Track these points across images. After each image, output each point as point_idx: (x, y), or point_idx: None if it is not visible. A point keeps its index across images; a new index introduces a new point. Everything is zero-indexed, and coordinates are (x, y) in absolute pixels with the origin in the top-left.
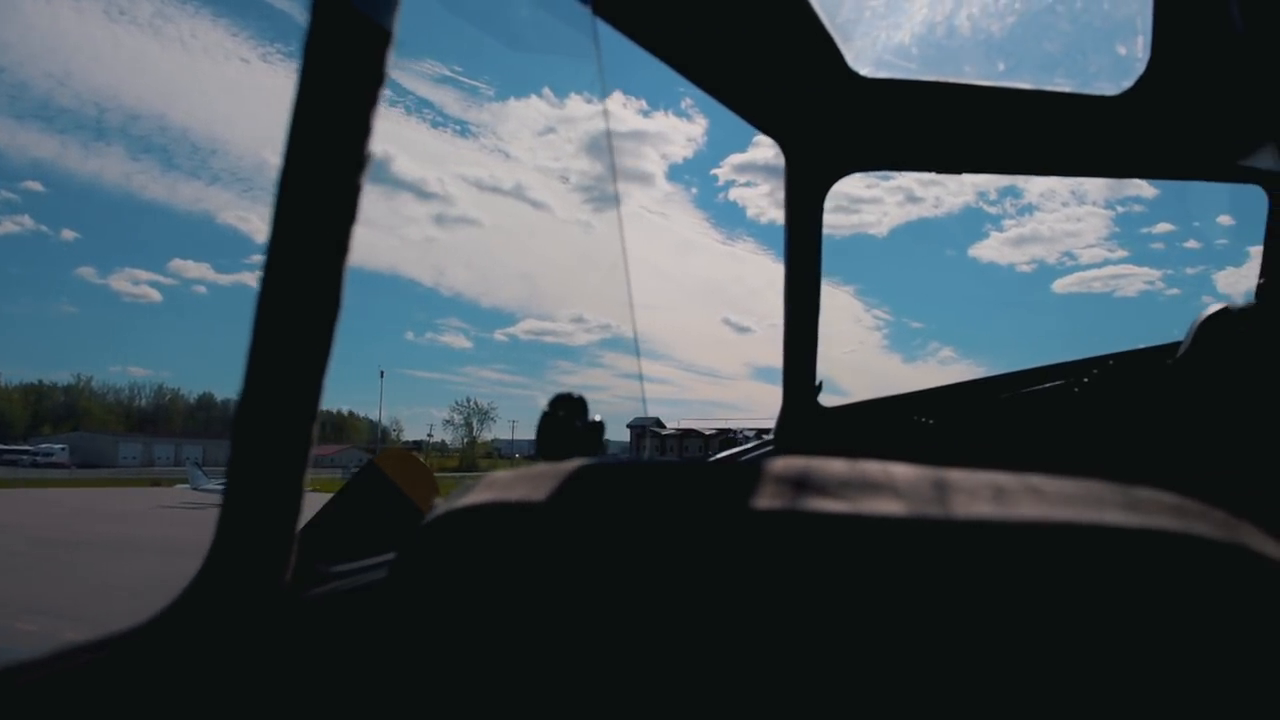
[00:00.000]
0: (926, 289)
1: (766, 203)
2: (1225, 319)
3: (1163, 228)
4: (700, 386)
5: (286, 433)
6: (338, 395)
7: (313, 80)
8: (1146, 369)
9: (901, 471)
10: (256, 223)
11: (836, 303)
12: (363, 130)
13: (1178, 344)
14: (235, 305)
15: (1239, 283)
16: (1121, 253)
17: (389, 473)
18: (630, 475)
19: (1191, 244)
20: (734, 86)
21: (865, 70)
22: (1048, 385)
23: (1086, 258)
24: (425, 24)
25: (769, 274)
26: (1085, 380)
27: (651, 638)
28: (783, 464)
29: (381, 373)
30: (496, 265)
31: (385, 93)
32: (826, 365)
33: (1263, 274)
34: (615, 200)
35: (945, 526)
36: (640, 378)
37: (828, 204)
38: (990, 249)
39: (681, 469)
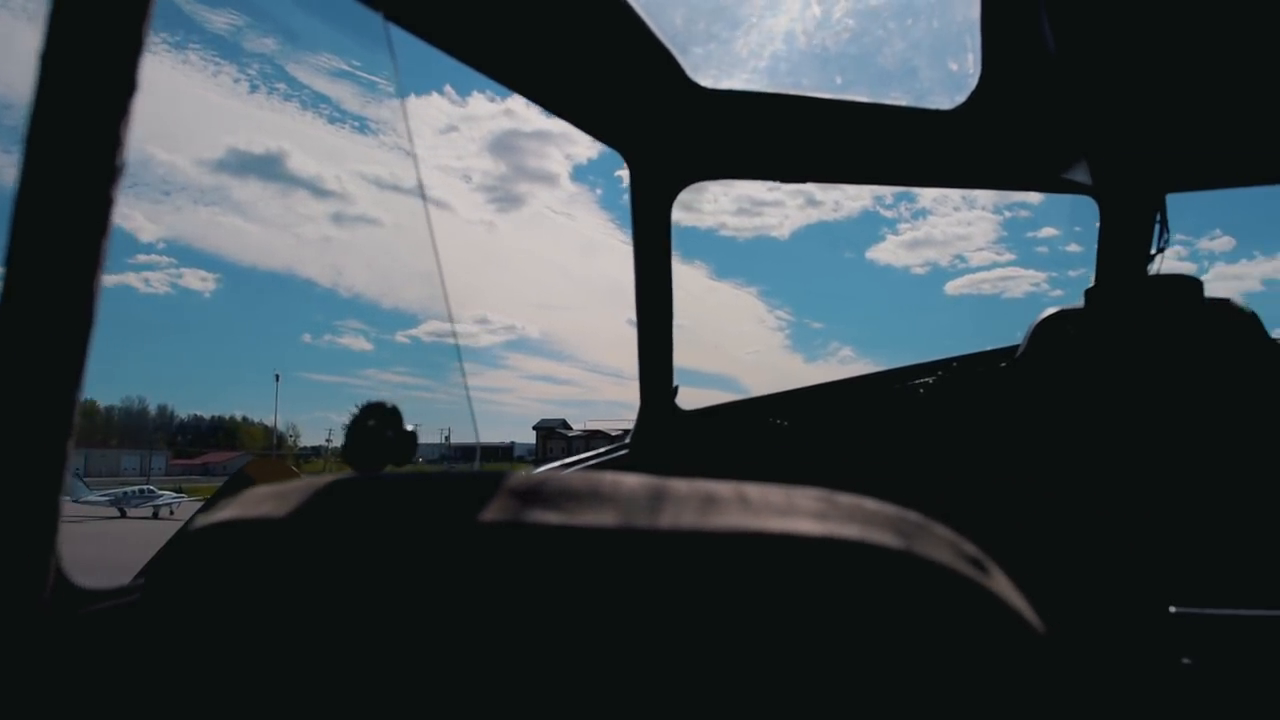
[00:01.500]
0: (827, 290)
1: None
2: (1058, 321)
3: (1047, 232)
4: (606, 387)
5: (41, 451)
6: (229, 400)
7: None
8: (988, 370)
9: (630, 481)
10: (141, 220)
11: (740, 304)
12: (114, 135)
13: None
14: (119, 307)
15: None
16: (1009, 256)
17: (259, 481)
18: (371, 490)
19: (1073, 248)
20: (570, 99)
21: (706, 81)
22: (897, 386)
23: (976, 260)
24: (317, 16)
25: (675, 275)
26: (930, 382)
27: (377, 653)
28: (522, 476)
29: (277, 376)
30: (398, 265)
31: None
32: (732, 365)
33: (1096, 279)
34: (423, 202)
35: (648, 537)
36: (465, 388)
37: (731, 205)
38: (886, 252)
39: (427, 482)
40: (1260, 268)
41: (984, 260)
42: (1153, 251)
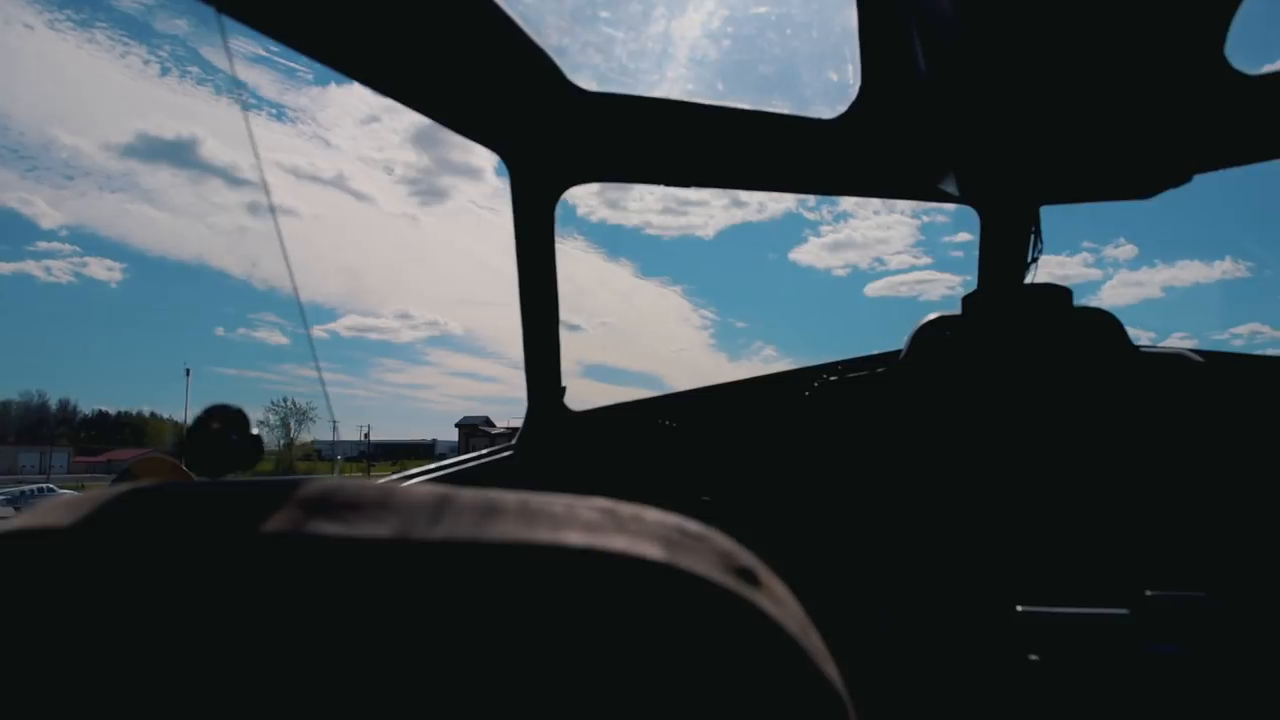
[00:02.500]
0: (750, 290)
1: (596, 201)
2: (937, 326)
3: (963, 236)
4: None
5: None
6: (136, 395)
7: None
8: (872, 373)
9: (420, 491)
10: (42, 205)
11: (666, 303)
12: None
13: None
14: (17, 296)
15: None
16: (926, 259)
17: (143, 479)
18: (160, 499)
19: None
20: (443, 101)
21: (586, 84)
22: (785, 388)
23: (895, 263)
24: None
25: (600, 273)
26: (816, 385)
27: (147, 670)
28: (317, 484)
29: (188, 370)
30: (316, 258)
31: None
32: (657, 363)
33: (978, 286)
34: (268, 200)
35: (420, 548)
36: (322, 383)
37: (657, 204)
38: (809, 253)
39: (219, 491)
40: (1161, 275)
41: (902, 263)
42: (1028, 261)
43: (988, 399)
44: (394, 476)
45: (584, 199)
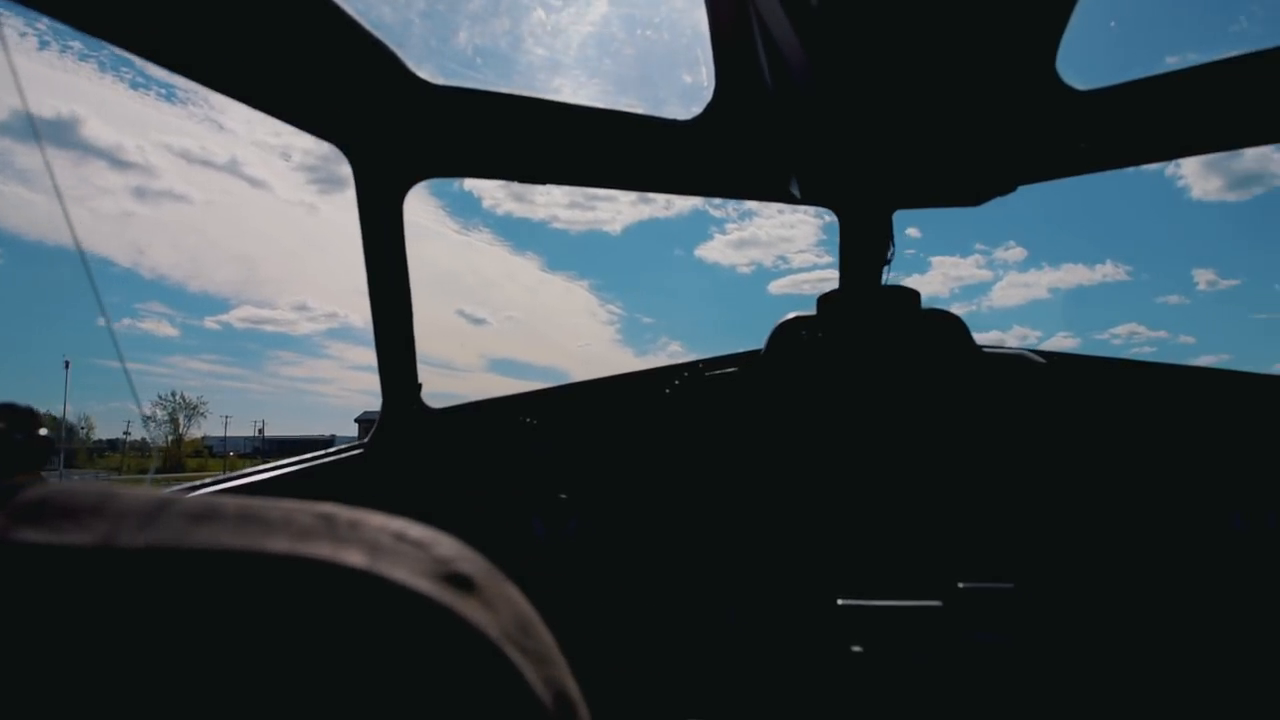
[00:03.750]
0: (657, 286)
1: (503, 194)
2: (794, 326)
3: None
4: (435, 379)
5: None
6: (7, 388)
7: None
8: (732, 370)
9: (141, 495)
10: None
11: (573, 297)
12: None
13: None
14: None
15: (922, 288)
16: (828, 258)
17: None
18: None
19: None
20: (278, 94)
21: (433, 77)
22: (648, 386)
23: (798, 262)
24: None
25: (506, 265)
26: (676, 382)
27: None
28: (37, 489)
29: (67, 363)
30: (208, 246)
31: None
32: (563, 358)
33: (840, 285)
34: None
35: (121, 555)
36: (126, 374)
37: (564, 198)
38: (715, 250)
39: None
40: (1048, 277)
41: (805, 262)
42: (883, 263)
43: (837, 397)
44: (234, 475)
45: (490, 191)
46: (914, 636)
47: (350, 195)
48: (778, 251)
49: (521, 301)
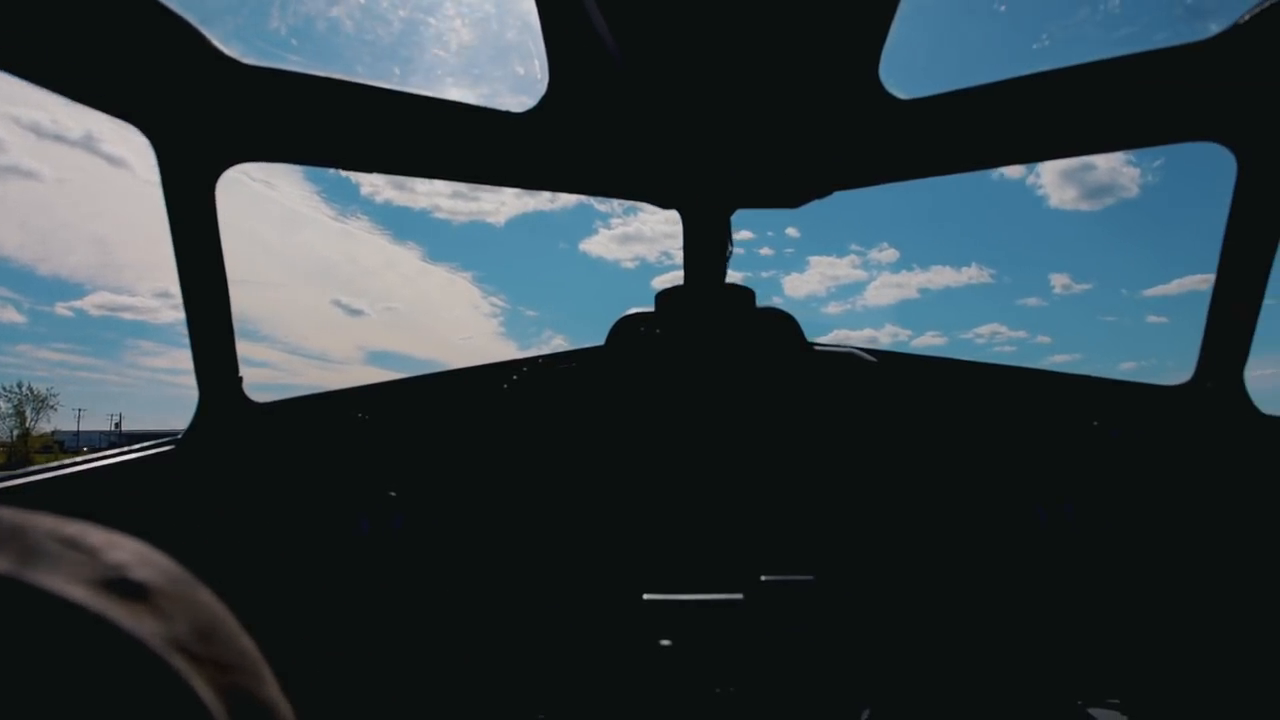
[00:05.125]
0: (541, 279)
1: (382, 181)
2: (632, 322)
3: (744, 235)
4: (310, 371)
5: None
6: None
7: None
8: (573, 365)
9: None
10: None
11: (455, 289)
12: None
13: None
14: None
15: (800, 286)
16: (739, 252)
17: None
18: None
19: (766, 251)
20: (73, 74)
21: (244, 58)
22: (485, 381)
23: (680, 258)
24: None
25: (385, 255)
26: (515, 378)
27: None
28: None
29: None
30: (61, 227)
31: None
32: (445, 351)
33: (685, 282)
34: None
35: None
36: None
37: (446, 188)
38: (599, 245)
39: None
40: (918, 278)
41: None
42: (722, 261)
43: (671, 393)
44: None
45: (369, 178)
46: (718, 629)
47: (221, 177)
48: (662, 247)
49: (402, 292)
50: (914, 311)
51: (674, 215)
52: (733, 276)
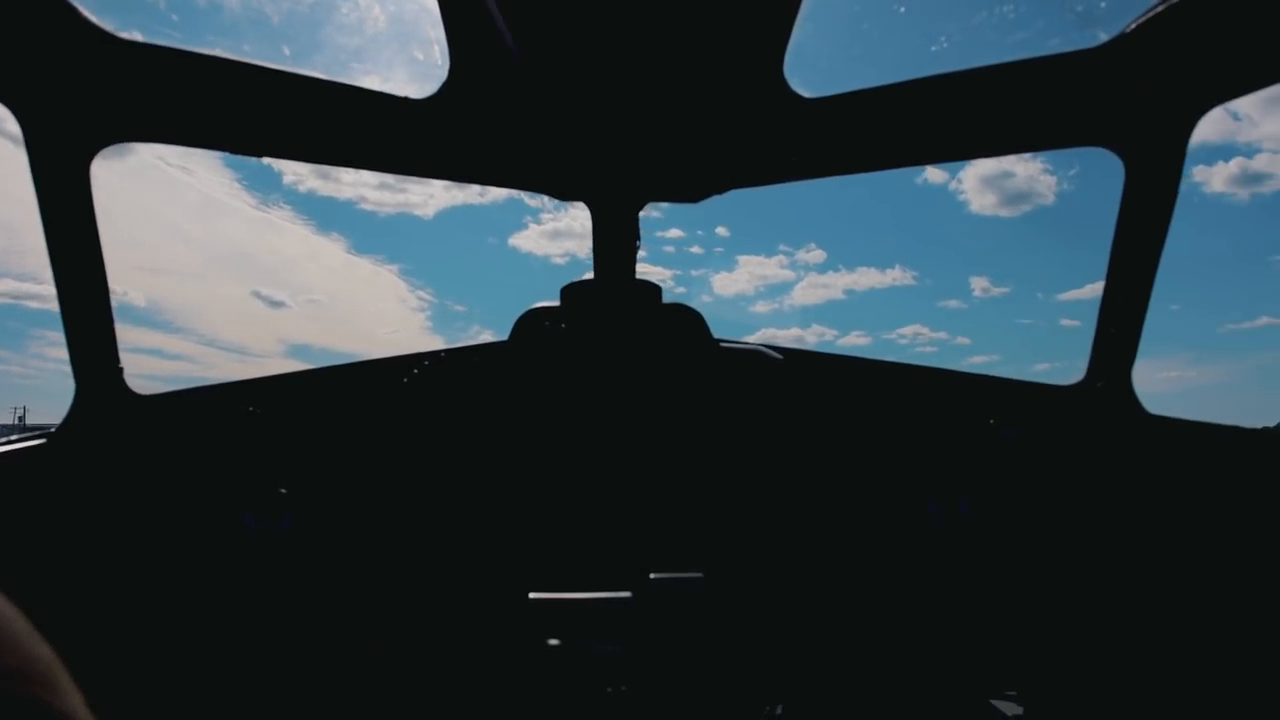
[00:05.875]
0: (470, 273)
1: (305, 170)
2: (537, 316)
3: (675, 233)
4: (228, 364)
5: None
6: None
7: None
8: (476, 359)
9: None
10: None
11: (381, 281)
12: None
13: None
14: None
15: (730, 285)
16: (641, 252)
17: None
18: None
19: (696, 249)
20: None
21: (120, 33)
22: (384, 375)
23: None
24: None
25: (309, 246)
26: (415, 371)
27: None
28: None
29: None
30: None
31: None
32: (370, 344)
33: (595, 276)
34: None
35: None
36: None
37: (373, 178)
38: (529, 240)
39: None
40: (844, 279)
41: None
42: (631, 255)
43: (574, 388)
44: None
45: (291, 166)
46: (606, 628)
47: (133, 161)
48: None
49: (325, 284)
50: (840, 312)
51: None
52: (663, 275)
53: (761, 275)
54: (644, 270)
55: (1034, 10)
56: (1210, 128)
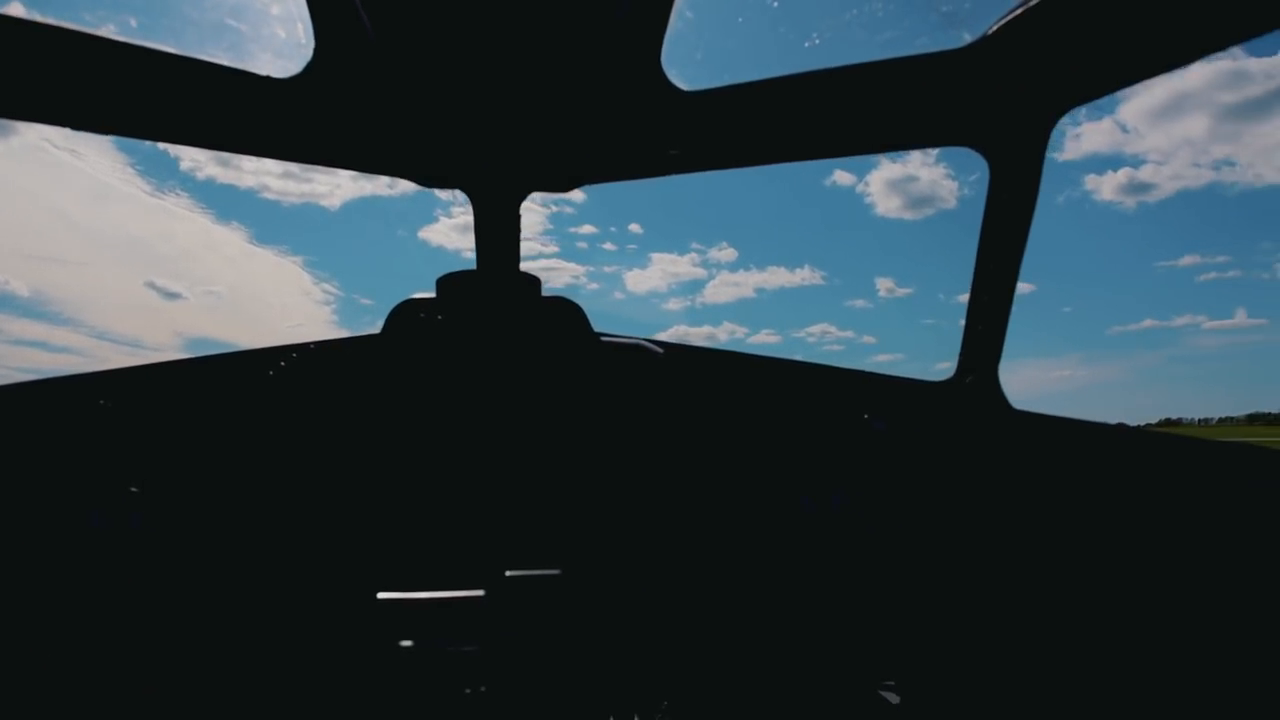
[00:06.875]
0: (378, 267)
1: (204, 157)
2: (411, 308)
3: (588, 229)
4: (120, 358)
5: None
6: None
7: None
8: (348, 351)
9: None
10: None
11: (284, 274)
12: None
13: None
14: None
15: (643, 282)
16: (554, 248)
17: None
18: None
19: (609, 246)
20: None
21: None
22: (245, 368)
23: (524, 250)
24: None
25: (207, 236)
26: (282, 364)
27: None
28: None
29: None
30: None
31: None
32: (272, 338)
33: (478, 268)
34: None
35: None
36: None
37: (277, 167)
38: (439, 233)
39: None
40: (755, 278)
41: (531, 250)
42: (514, 246)
43: (447, 381)
44: None
45: (189, 152)
46: (460, 627)
47: (16, 143)
48: None
49: (225, 276)
50: (751, 310)
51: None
52: (576, 270)
53: (674, 273)
54: (556, 265)
55: (902, 9)
56: (1100, 138)
